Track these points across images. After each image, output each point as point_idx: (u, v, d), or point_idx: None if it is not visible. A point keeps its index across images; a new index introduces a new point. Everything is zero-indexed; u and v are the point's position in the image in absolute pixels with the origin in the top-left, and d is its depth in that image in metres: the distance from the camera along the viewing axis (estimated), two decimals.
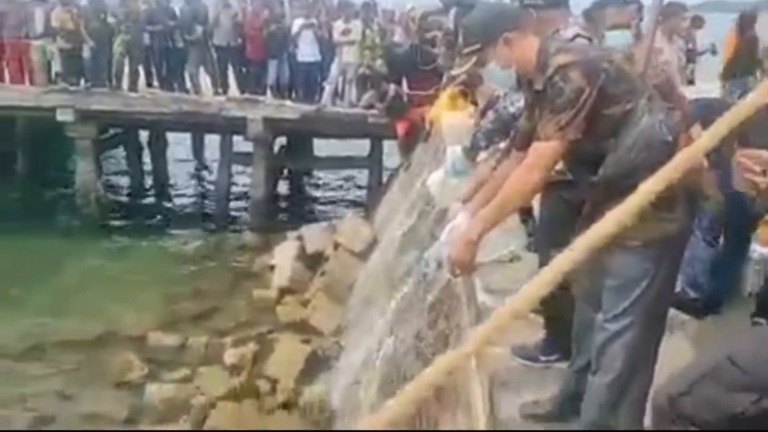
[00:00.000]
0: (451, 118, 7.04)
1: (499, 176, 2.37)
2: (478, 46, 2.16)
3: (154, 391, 6.49)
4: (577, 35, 2.68)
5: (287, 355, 6.87)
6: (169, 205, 13.17)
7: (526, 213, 3.88)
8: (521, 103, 2.67)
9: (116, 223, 11.84)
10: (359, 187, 13.76)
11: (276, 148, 12.63)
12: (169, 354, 7.43)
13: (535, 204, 2.99)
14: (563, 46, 2.11)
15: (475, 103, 5.77)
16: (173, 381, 6.78)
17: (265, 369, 6.75)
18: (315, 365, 6.69)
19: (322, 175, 14.82)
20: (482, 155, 3.44)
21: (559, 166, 2.33)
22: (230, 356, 7.14)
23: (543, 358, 2.84)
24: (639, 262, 2.11)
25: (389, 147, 11.64)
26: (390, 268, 6.91)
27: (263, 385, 6.47)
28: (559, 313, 2.61)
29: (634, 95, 2.03)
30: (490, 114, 3.46)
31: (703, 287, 3.76)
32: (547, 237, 2.72)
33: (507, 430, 2.46)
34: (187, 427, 5.72)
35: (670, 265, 2.16)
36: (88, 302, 8.61)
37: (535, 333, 2.91)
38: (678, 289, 3.94)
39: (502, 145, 3.25)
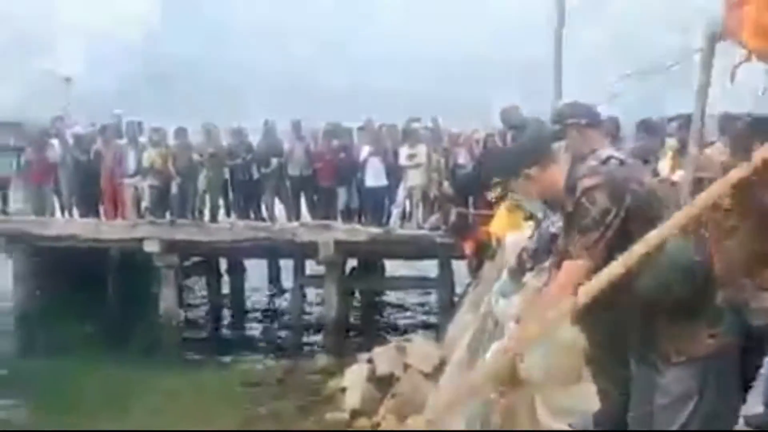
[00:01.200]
0: (512, 236, 7.15)
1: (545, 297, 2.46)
2: (499, 180, 2.34)
3: None
4: (610, 157, 2.82)
5: None
6: (245, 330, 13.57)
7: None
8: (561, 223, 2.79)
9: (195, 346, 12.25)
10: (429, 311, 13.79)
11: (348, 271, 12.98)
12: None
13: None
14: (590, 170, 2.26)
15: (531, 217, 5.91)
16: None
17: None
18: None
19: (393, 297, 14.97)
20: (528, 276, 3.53)
21: None
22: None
23: None
24: (685, 379, 2.12)
25: (459, 267, 11.74)
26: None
27: None
28: None
29: (660, 211, 2.13)
30: (535, 234, 3.59)
31: None
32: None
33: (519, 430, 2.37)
34: None
35: (720, 381, 2.14)
36: (168, 424, 8.82)
37: None
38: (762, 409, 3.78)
39: (547, 263, 3.34)
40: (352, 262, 13.45)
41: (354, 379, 9.59)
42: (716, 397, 2.11)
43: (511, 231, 7.29)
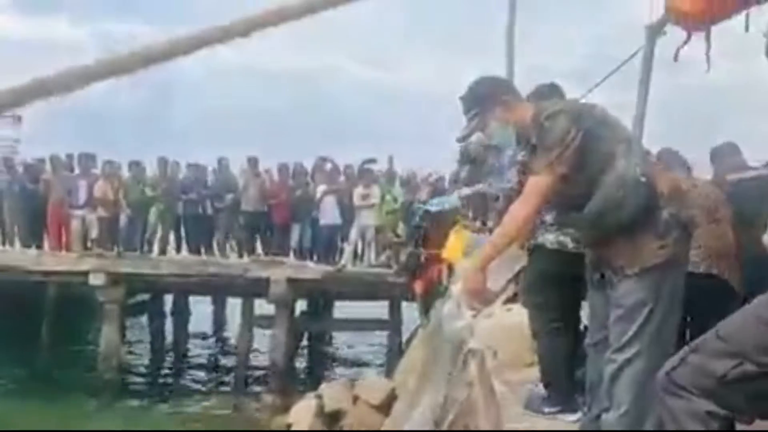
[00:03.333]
0: (464, 262, 7.35)
1: None
2: (477, 110, 2.51)
3: None
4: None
5: None
6: (188, 373, 13.15)
7: None
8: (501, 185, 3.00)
9: (137, 388, 11.79)
10: (379, 352, 13.69)
11: (297, 313, 12.84)
12: None
13: None
14: (552, 102, 2.46)
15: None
16: None
17: None
18: None
19: (342, 339, 14.84)
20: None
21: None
22: None
23: (546, 410, 2.99)
24: (638, 289, 2.26)
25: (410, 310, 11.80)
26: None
27: None
28: (553, 365, 2.95)
29: (615, 139, 2.33)
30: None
31: None
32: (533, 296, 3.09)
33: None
34: None
35: (670, 291, 2.29)
36: None
37: None
38: None
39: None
40: (302, 305, 13.34)
41: (301, 415, 9.38)
42: (667, 306, 2.25)
43: (462, 255, 7.48)
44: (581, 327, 3.05)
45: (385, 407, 8.70)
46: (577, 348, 2.83)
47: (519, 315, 4.71)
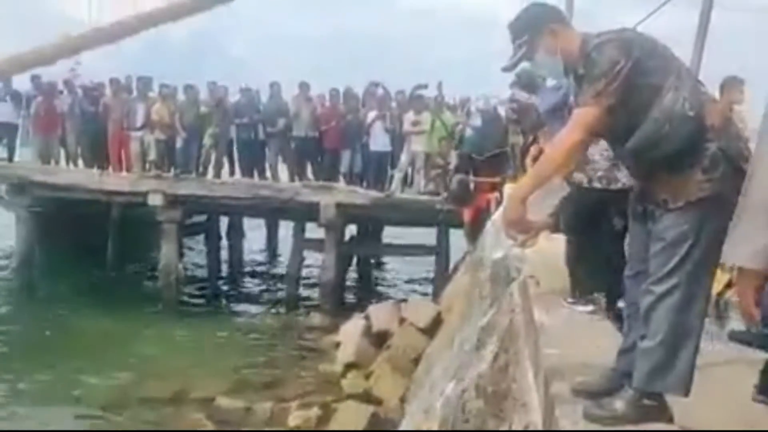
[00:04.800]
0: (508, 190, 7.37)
1: None
2: (526, 38, 2.48)
3: None
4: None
5: (349, 418, 6.91)
6: (243, 288, 13.75)
7: None
8: None
9: (194, 299, 12.42)
10: (426, 279, 13.95)
11: (347, 237, 13.13)
12: (236, 415, 7.60)
13: None
14: (601, 33, 2.41)
15: None
16: None
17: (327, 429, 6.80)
18: (377, 427, 6.70)
19: (391, 266, 15.15)
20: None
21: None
22: (294, 419, 7.25)
23: (568, 301, 3.76)
24: (681, 223, 2.25)
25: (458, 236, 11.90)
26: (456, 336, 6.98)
27: None
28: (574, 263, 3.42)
29: (665, 71, 2.28)
30: None
31: None
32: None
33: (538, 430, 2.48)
34: None
35: (714, 226, 2.24)
36: (163, 367, 9.03)
37: None
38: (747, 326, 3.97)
39: None
40: (351, 230, 13.60)
41: (349, 334, 9.74)
42: (709, 241, 2.23)
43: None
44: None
45: (430, 330, 8.96)
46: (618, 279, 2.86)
47: (562, 244, 4.76)
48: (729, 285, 4.44)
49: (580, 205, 3.75)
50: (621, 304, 3.12)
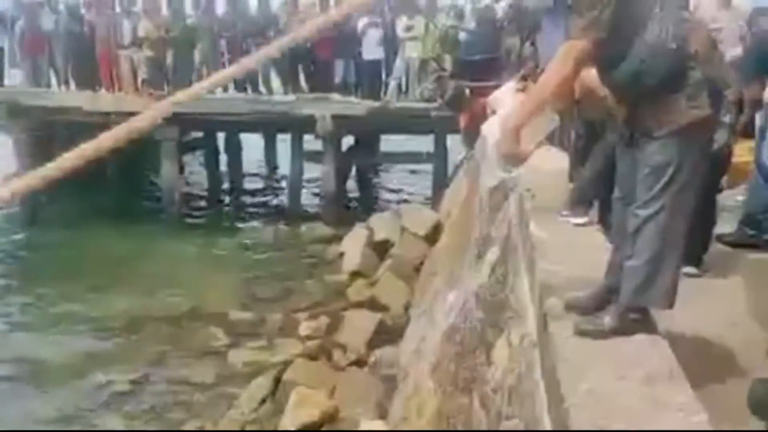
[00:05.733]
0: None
1: None
2: None
3: (236, 356, 7.01)
4: None
5: (357, 325, 7.25)
6: (245, 200, 13.95)
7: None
8: None
9: (198, 214, 12.65)
10: (425, 186, 14.08)
11: (344, 147, 13.16)
12: (249, 327, 7.98)
13: None
14: None
15: None
16: (253, 348, 7.30)
17: (336, 337, 7.15)
18: (384, 333, 7.05)
19: (390, 172, 15.27)
20: None
21: None
22: (304, 329, 7.61)
23: (563, 213, 3.99)
24: (666, 150, 2.36)
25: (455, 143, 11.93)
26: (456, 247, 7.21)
27: (336, 351, 6.86)
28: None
29: (649, 1, 2.30)
30: None
31: (762, 225, 3.94)
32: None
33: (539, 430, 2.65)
34: (267, 381, 6.17)
35: (696, 153, 2.38)
36: (174, 284, 9.33)
37: None
38: (736, 228, 4.16)
39: None
40: (349, 140, 13.62)
41: (352, 244, 10.02)
42: (692, 166, 2.36)
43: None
44: None
45: (430, 237, 9.21)
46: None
47: (558, 160, 4.86)
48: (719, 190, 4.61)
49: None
50: None
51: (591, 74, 2.60)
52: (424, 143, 12.83)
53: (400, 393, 5.24)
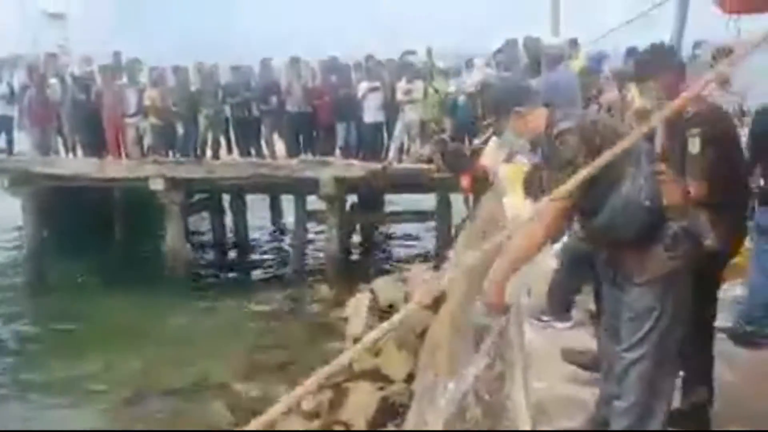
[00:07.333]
0: (505, 166, 7.47)
1: None
2: (494, 118, 2.58)
3: None
4: (589, 99, 3.06)
5: (360, 402, 7.22)
6: (250, 265, 14.01)
7: None
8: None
9: (203, 280, 12.71)
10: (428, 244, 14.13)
11: (348, 206, 13.28)
12: (252, 402, 7.94)
13: None
14: (565, 115, 2.51)
15: None
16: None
17: (340, 414, 7.12)
18: (386, 411, 7.01)
19: (393, 230, 15.34)
20: None
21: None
22: (307, 403, 7.56)
23: (544, 318, 3.99)
24: (647, 297, 2.43)
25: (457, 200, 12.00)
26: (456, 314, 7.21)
27: (338, 429, 6.83)
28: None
29: (625, 160, 2.36)
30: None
31: (761, 321, 3.96)
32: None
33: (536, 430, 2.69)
34: None
35: (676, 299, 2.45)
36: (178, 354, 9.35)
37: None
38: (732, 323, 4.17)
39: None
40: (352, 198, 13.73)
41: (356, 309, 10.03)
42: (673, 311, 2.42)
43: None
44: None
45: (434, 306, 9.20)
46: None
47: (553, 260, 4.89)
48: None
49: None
50: None
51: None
52: (430, 200, 12.92)
53: None
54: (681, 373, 2.72)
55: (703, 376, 2.79)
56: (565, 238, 4.14)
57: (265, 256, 14.41)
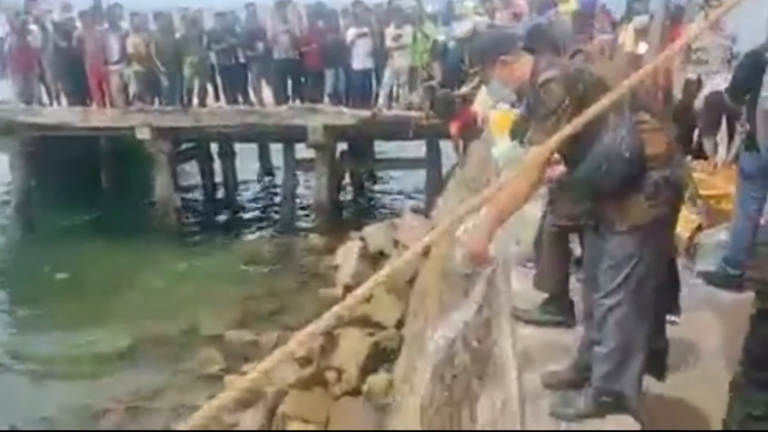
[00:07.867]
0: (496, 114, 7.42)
1: None
2: (480, 67, 2.55)
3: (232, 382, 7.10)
4: (578, 51, 3.02)
5: (352, 348, 7.35)
6: (240, 212, 14.00)
7: None
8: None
9: (193, 229, 12.70)
10: (418, 191, 14.14)
11: (338, 153, 13.20)
12: (244, 348, 8.08)
13: None
14: (549, 63, 2.48)
15: None
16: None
17: (332, 360, 7.25)
18: (377, 357, 7.15)
19: (383, 176, 15.31)
20: None
21: None
22: (299, 350, 7.69)
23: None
24: (627, 244, 2.45)
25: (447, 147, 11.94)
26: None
27: (330, 375, 6.97)
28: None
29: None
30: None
31: (744, 265, 4.03)
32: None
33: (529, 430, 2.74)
34: (262, 412, 6.27)
35: (655, 248, 2.48)
36: (171, 304, 9.42)
37: None
38: (716, 267, 4.25)
39: None
40: (342, 146, 13.64)
41: (346, 256, 10.10)
42: (652, 259, 2.46)
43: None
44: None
45: (425, 251, 9.28)
46: None
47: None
48: (699, 228, 4.69)
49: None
50: None
51: None
52: (420, 147, 12.86)
53: (391, 426, 5.35)
54: None
55: (661, 323, 2.85)
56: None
57: (255, 205, 14.38)
